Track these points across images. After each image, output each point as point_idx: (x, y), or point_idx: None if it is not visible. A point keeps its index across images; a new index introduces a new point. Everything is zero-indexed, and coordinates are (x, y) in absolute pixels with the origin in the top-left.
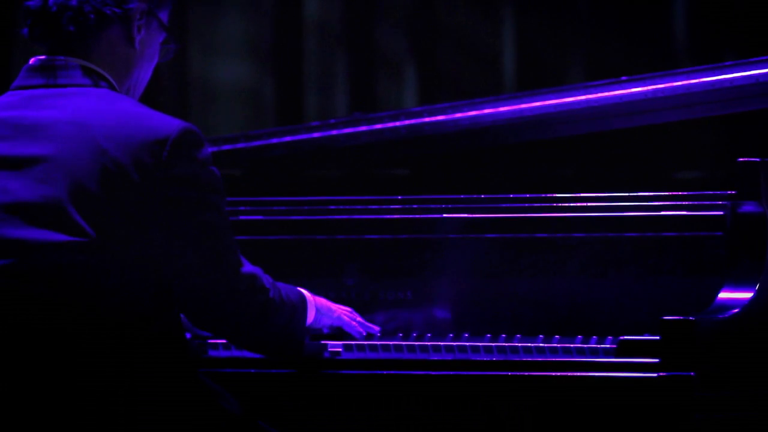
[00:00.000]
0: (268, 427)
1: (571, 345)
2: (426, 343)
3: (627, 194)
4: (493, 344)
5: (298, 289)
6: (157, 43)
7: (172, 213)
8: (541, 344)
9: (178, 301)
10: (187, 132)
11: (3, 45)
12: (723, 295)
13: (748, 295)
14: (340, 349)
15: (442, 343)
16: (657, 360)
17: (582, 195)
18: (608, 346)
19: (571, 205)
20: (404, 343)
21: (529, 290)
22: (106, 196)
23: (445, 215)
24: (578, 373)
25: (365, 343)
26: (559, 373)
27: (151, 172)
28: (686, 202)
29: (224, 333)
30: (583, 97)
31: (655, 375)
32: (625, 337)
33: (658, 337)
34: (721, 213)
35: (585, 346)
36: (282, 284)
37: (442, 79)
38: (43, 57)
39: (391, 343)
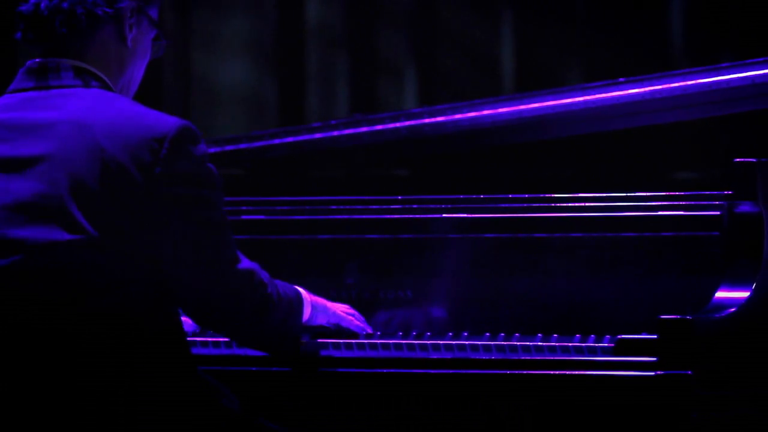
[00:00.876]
0: (269, 425)
1: (570, 344)
2: (425, 342)
3: (624, 194)
4: (492, 343)
5: (294, 286)
6: (149, 40)
7: (171, 210)
8: (539, 343)
9: (178, 298)
10: (185, 129)
11: (8, 46)
12: (720, 294)
13: (745, 294)
14: (341, 347)
15: (441, 342)
16: (654, 359)
17: (580, 195)
18: (606, 344)
19: (569, 205)
20: (404, 341)
21: (527, 289)
22: (106, 195)
23: (444, 215)
24: (576, 372)
25: (365, 341)
26: (557, 372)
27: (150, 170)
28: (683, 202)
29: (223, 329)
30: (581, 99)
31: (653, 373)
32: (623, 336)
33: (655, 336)
34: (718, 213)
35: (583, 345)
36: (278, 281)
37: (442, 81)
38: (38, 60)
39: (390, 341)
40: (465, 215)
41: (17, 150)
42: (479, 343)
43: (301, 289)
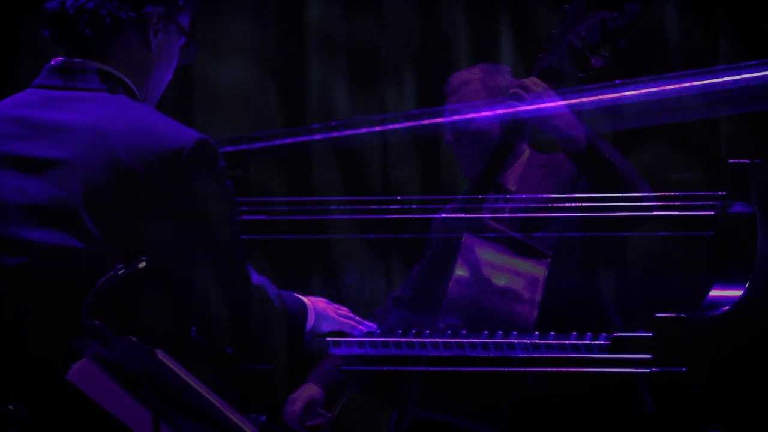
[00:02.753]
0: (270, 425)
1: (566, 341)
2: (425, 340)
3: (621, 195)
4: (490, 341)
5: (299, 297)
6: (177, 47)
7: (184, 224)
8: (536, 341)
9: (188, 311)
10: (202, 144)
11: (11, 46)
12: (713, 293)
13: (738, 293)
14: (341, 345)
15: (440, 340)
16: (649, 356)
17: (578, 195)
18: (602, 342)
19: (567, 205)
20: (404, 339)
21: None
22: (118, 204)
23: (443, 215)
24: (573, 369)
25: (366, 339)
26: (554, 369)
27: (164, 183)
28: (678, 203)
29: (231, 342)
30: (577, 101)
31: (648, 370)
32: (619, 334)
33: (650, 334)
34: (712, 213)
35: (580, 342)
36: (284, 292)
37: (441, 84)
38: (62, 59)
39: (390, 339)
40: (464, 215)
41: (35, 150)
42: (477, 341)
43: (305, 299)
